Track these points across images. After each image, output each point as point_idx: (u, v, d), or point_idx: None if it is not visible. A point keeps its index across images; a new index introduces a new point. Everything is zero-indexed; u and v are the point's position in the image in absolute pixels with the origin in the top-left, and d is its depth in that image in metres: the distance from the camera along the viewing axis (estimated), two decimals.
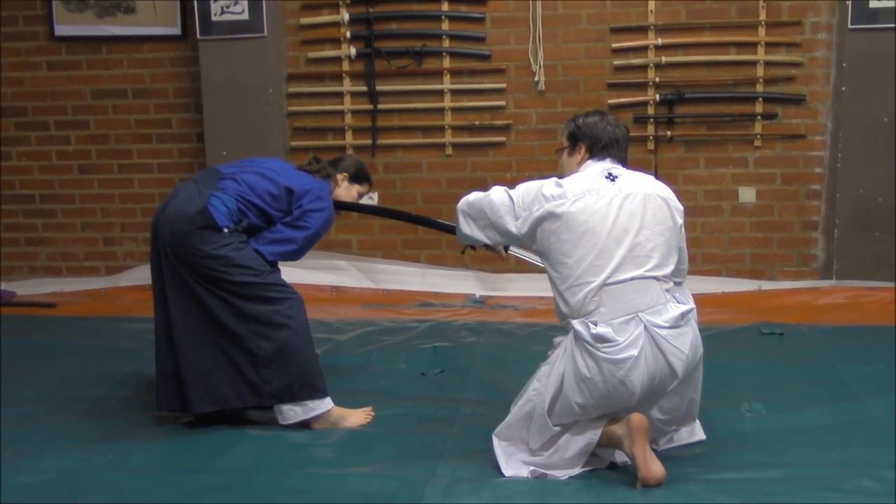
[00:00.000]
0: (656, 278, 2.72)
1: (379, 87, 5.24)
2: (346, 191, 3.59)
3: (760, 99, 4.98)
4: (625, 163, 2.90)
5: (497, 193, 2.89)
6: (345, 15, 5.21)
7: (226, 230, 3.16)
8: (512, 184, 2.95)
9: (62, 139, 5.62)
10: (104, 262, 5.73)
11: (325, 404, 3.25)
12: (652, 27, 5.01)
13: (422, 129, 5.30)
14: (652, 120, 5.08)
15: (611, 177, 2.79)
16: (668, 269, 2.76)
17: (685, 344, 2.71)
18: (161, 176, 5.60)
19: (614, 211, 2.72)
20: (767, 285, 5.10)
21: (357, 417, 3.31)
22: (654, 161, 5.08)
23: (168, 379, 3.23)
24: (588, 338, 2.67)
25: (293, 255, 3.33)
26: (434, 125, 5.29)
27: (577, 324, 2.72)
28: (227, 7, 5.12)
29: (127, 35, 5.46)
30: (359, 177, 3.63)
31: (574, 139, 2.94)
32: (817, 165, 5.03)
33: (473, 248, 3.38)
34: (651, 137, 5.10)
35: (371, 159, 5.22)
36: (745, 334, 4.31)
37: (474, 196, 2.97)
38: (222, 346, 3.19)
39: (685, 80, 5.03)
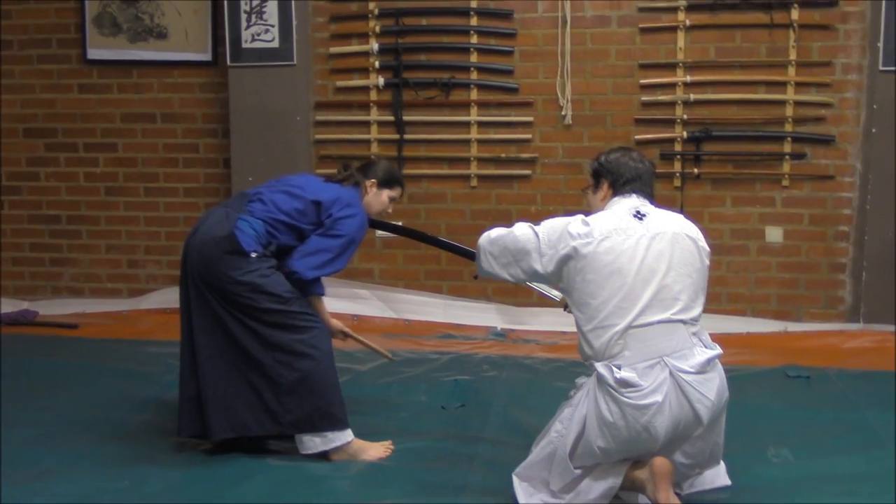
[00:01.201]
0: (683, 321, 2.67)
1: (406, 118, 5.25)
2: (375, 197, 3.48)
3: (789, 138, 4.95)
4: (652, 199, 2.86)
5: (521, 230, 2.85)
6: (374, 45, 5.23)
7: (253, 255, 3.15)
8: (536, 218, 2.92)
9: (90, 161, 5.67)
10: (127, 285, 5.74)
11: (346, 436, 3.22)
12: (681, 64, 4.99)
13: (448, 160, 5.30)
14: (679, 157, 5.06)
15: (639, 215, 2.75)
16: (696, 312, 2.71)
17: (711, 390, 2.66)
18: (186, 200, 5.63)
19: (642, 251, 2.68)
20: (793, 327, 5.03)
21: (376, 451, 3.28)
22: (681, 198, 5.05)
23: (190, 404, 3.22)
24: (612, 382, 2.63)
25: (330, 265, 3.24)
26: (460, 156, 5.29)
27: (600, 367, 2.67)
28: (258, 35, 5.16)
29: (158, 60, 5.51)
30: (389, 181, 3.52)
31: (597, 176, 2.93)
32: (846, 207, 4.97)
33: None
34: (678, 174, 5.08)
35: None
36: (771, 377, 4.25)
37: (497, 233, 2.92)
38: (245, 372, 3.18)
39: (713, 118, 5.01)
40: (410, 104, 5.25)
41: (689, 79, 4.99)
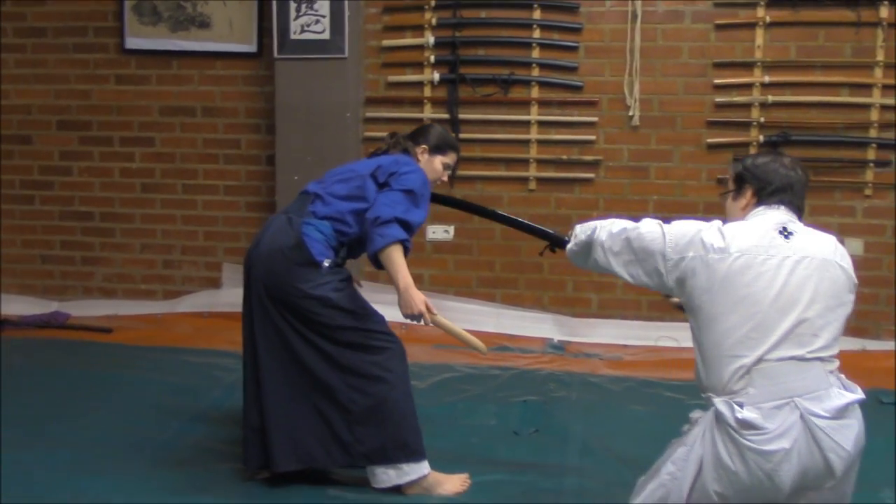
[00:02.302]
0: (821, 359, 2.33)
1: (462, 115, 4.95)
2: (427, 164, 3.14)
3: (874, 145, 4.63)
4: (801, 214, 2.50)
5: (648, 227, 2.52)
6: (430, 38, 4.94)
7: (326, 264, 2.88)
8: None
9: (126, 156, 5.39)
10: (162, 286, 5.47)
11: (422, 468, 2.94)
12: (759, 63, 4.68)
13: (505, 161, 5.01)
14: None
15: (785, 232, 2.39)
16: (835, 351, 2.37)
17: (848, 439, 2.31)
18: (227, 198, 5.35)
19: (783, 276, 2.33)
20: (872, 345, 4.73)
21: (453, 485, 3.01)
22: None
23: (255, 434, 2.94)
24: (732, 422, 2.30)
25: (408, 213, 2.87)
26: (518, 157, 4.99)
27: (719, 403, 2.35)
28: (308, 26, 4.87)
29: (200, 50, 5.22)
30: (441, 147, 3.19)
31: (740, 181, 2.56)
32: None
33: (553, 251, 3.07)
34: None
35: (449, 190, 4.92)
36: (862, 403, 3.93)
37: (619, 226, 2.59)
38: (313, 398, 2.91)
39: (792, 121, 4.70)
40: (466, 101, 4.96)
41: (767, 79, 4.68)
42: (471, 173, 4.98)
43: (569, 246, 2.78)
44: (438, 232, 5.09)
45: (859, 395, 2.36)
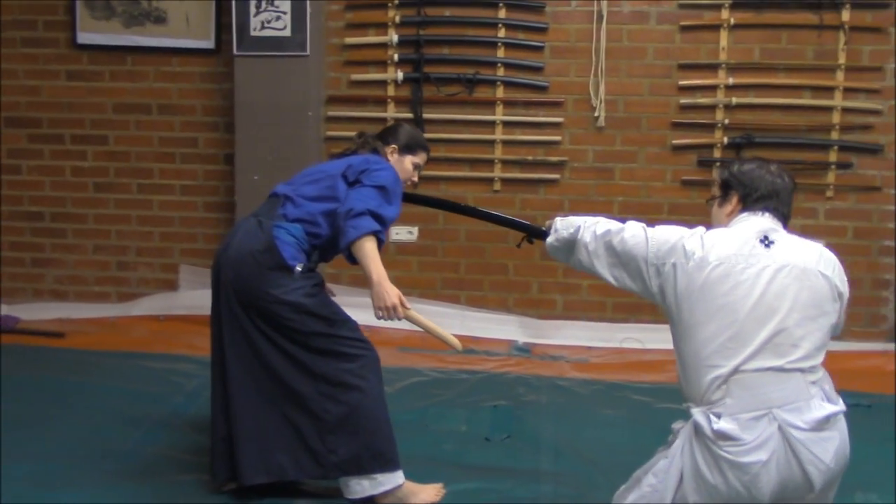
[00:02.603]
0: (801, 370, 2.29)
1: (426, 115, 4.88)
2: (397, 164, 3.07)
3: (835, 147, 4.68)
4: (786, 222, 2.47)
5: (632, 231, 2.50)
6: (393, 36, 4.86)
7: (298, 268, 2.79)
8: None
9: (78, 154, 5.22)
10: (116, 288, 5.31)
11: (397, 478, 2.87)
12: (723, 65, 4.69)
13: (469, 161, 4.95)
14: (718, 164, 4.76)
15: (766, 241, 2.35)
16: (817, 361, 2.34)
17: (827, 452, 2.27)
18: (183, 198, 5.21)
19: (762, 285, 2.30)
20: (833, 345, 4.73)
21: (427, 494, 2.94)
22: None
23: (224, 444, 2.84)
24: (709, 433, 2.27)
25: (381, 208, 2.78)
26: (483, 158, 4.94)
27: (697, 413, 2.31)
28: (269, 22, 4.75)
29: (155, 46, 5.06)
30: (411, 146, 3.13)
31: (726, 187, 2.52)
32: (891, 220, 4.73)
33: (531, 241, 3.05)
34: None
35: (412, 190, 4.85)
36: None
37: (603, 228, 2.56)
38: (283, 407, 2.82)
39: (756, 123, 4.72)
40: (431, 101, 4.89)
41: (731, 81, 4.69)
42: (435, 174, 4.90)
43: (549, 240, 2.74)
44: (402, 233, 5.02)
45: (841, 406, 2.34)
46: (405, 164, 3.12)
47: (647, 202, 4.85)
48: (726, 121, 4.72)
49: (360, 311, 3.16)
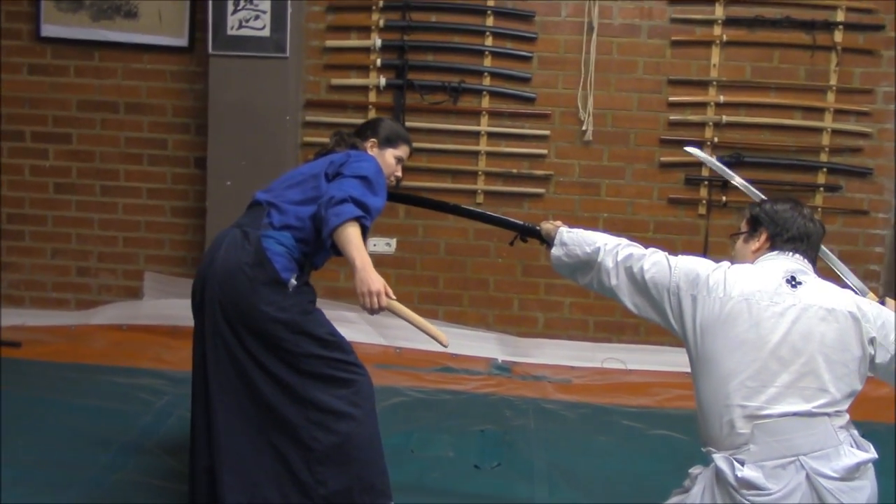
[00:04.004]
0: (828, 415, 2.18)
1: (408, 123, 4.69)
2: (378, 158, 2.89)
3: (824, 169, 4.61)
4: (814, 266, 2.38)
5: (654, 258, 2.41)
6: (376, 41, 4.68)
7: (292, 282, 2.60)
8: None
9: (38, 153, 4.94)
10: (75, 295, 5.04)
11: None
12: (714, 82, 4.61)
13: (452, 172, 4.79)
14: (706, 182, 4.67)
15: (793, 281, 2.25)
16: (845, 406, 2.22)
17: (858, 502, 2.17)
18: (150, 202, 4.97)
19: (785, 325, 2.20)
20: None
21: None
22: (705, 227, 4.67)
23: (205, 474, 2.63)
24: (732, 480, 2.16)
25: (364, 196, 2.60)
26: (466, 169, 4.78)
27: (720, 459, 2.20)
28: (247, 21, 4.54)
29: (124, 42, 4.82)
30: (392, 139, 2.98)
31: (756, 223, 2.43)
32: (878, 245, 4.68)
33: (524, 240, 2.96)
34: (703, 201, 4.69)
35: (392, 202, 4.68)
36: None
37: (623, 253, 2.46)
38: (270, 435, 2.62)
39: (745, 143, 4.64)
40: (413, 109, 4.72)
41: (721, 99, 4.60)
42: (416, 184, 4.73)
43: (555, 252, 2.65)
44: (380, 245, 4.84)
45: (872, 454, 2.23)
46: (387, 158, 2.95)
47: (633, 219, 4.74)
48: (715, 139, 4.63)
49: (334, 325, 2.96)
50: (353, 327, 4.79)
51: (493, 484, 3.19)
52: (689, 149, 3.47)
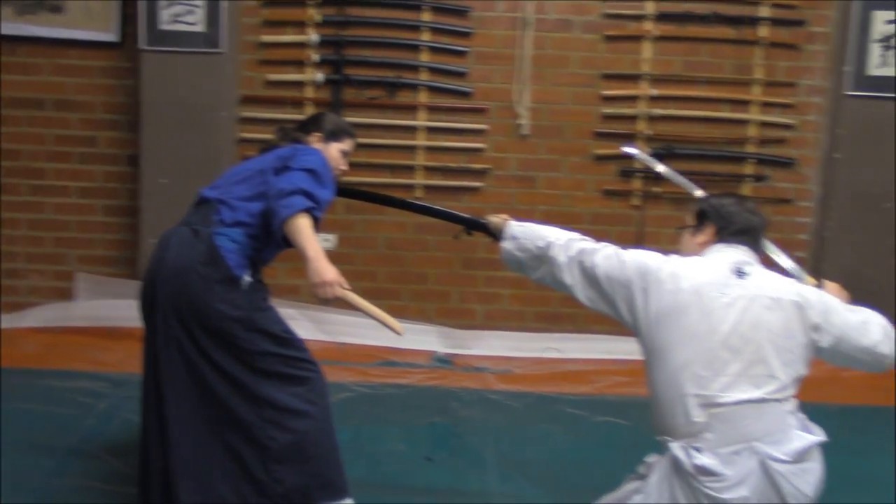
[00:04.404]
0: (778, 400, 2.27)
1: (346, 119, 4.67)
2: (323, 152, 2.86)
3: (751, 160, 4.78)
4: (759, 257, 2.47)
5: (605, 253, 2.46)
6: (313, 36, 4.66)
7: (246, 279, 2.60)
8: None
9: None
10: (4, 298, 4.88)
11: None
12: (645, 76, 4.72)
13: (390, 167, 4.80)
14: (639, 175, 4.79)
15: (740, 273, 2.34)
16: (793, 391, 2.31)
17: (809, 484, 2.26)
18: (81, 201, 4.85)
19: (735, 315, 2.28)
20: None
21: None
22: (640, 218, 4.79)
23: (159, 476, 2.60)
24: (689, 468, 2.23)
25: (314, 188, 2.57)
26: (404, 164, 4.80)
27: (677, 448, 2.27)
28: (180, 16, 4.47)
29: (50, 37, 4.69)
30: (336, 133, 2.97)
31: (702, 217, 2.51)
32: (802, 232, 4.87)
33: (469, 233, 2.99)
34: (637, 193, 4.80)
35: (338, 197, 4.67)
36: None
37: (575, 249, 2.50)
38: (224, 435, 2.61)
39: (676, 135, 4.77)
40: (351, 104, 4.72)
41: (653, 92, 4.72)
42: (355, 179, 4.69)
43: (506, 246, 2.68)
44: (318, 240, 4.81)
45: (821, 436, 2.32)
46: (331, 152, 2.94)
47: (569, 212, 4.82)
48: (648, 132, 4.74)
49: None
50: (293, 323, 4.56)
51: (445, 474, 3.23)
52: (625, 149, 3.56)
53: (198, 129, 4.60)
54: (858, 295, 4.70)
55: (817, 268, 4.81)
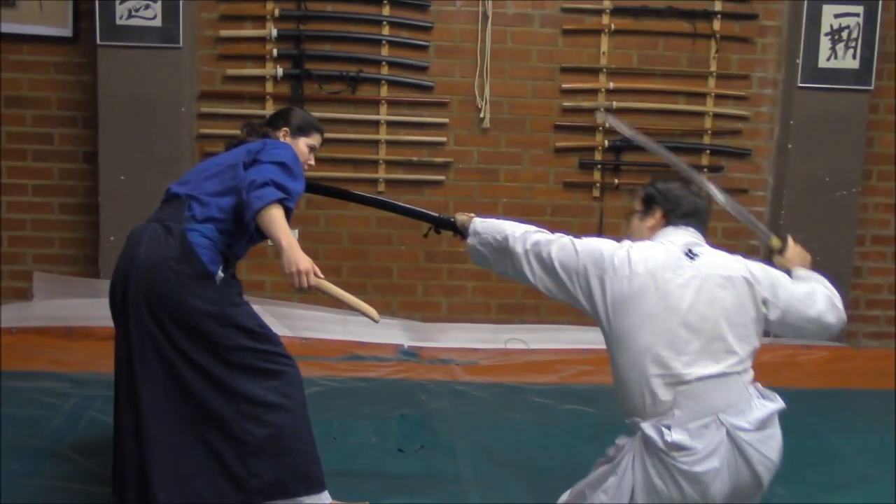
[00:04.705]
0: (738, 373, 2.35)
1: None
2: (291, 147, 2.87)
3: (707, 151, 4.88)
4: (706, 237, 2.55)
5: (561, 243, 2.51)
6: (272, 30, 4.64)
7: (220, 274, 2.60)
8: None
9: None
10: None
11: (323, 499, 2.72)
12: (604, 70, 4.79)
13: (352, 161, 4.81)
14: (599, 166, 4.86)
15: (691, 254, 2.41)
16: (750, 363, 2.40)
17: (773, 449, 2.35)
18: (36, 199, 4.77)
19: (690, 294, 2.35)
20: None
21: None
22: (600, 209, 4.86)
23: (134, 474, 2.58)
24: (661, 445, 2.29)
25: (285, 180, 2.58)
26: (366, 158, 4.81)
27: (647, 427, 2.32)
28: (137, 11, 4.42)
29: (2, 32, 4.60)
30: (304, 128, 2.96)
31: (650, 203, 2.59)
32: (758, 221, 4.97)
33: (438, 232, 3.03)
34: (597, 185, 4.87)
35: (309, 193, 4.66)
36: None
37: (531, 240, 2.55)
38: (200, 430, 2.59)
39: (634, 127, 4.82)
40: (312, 99, 4.70)
41: (611, 85, 4.79)
42: (317, 174, 4.67)
43: (471, 242, 2.72)
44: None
45: (780, 403, 2.41)
46: (300, 147, 2.94)
47: (531, 203, 4.88)
48: (606, 123, 4.81)
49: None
50: None
51: (418, 465, 3.24)
52: (600, 114, 3.62)
53: (156, 125, 4.55)
54: None
55: (772, 255, 4.93)
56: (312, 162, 3.04)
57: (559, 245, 2.51)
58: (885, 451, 3.49)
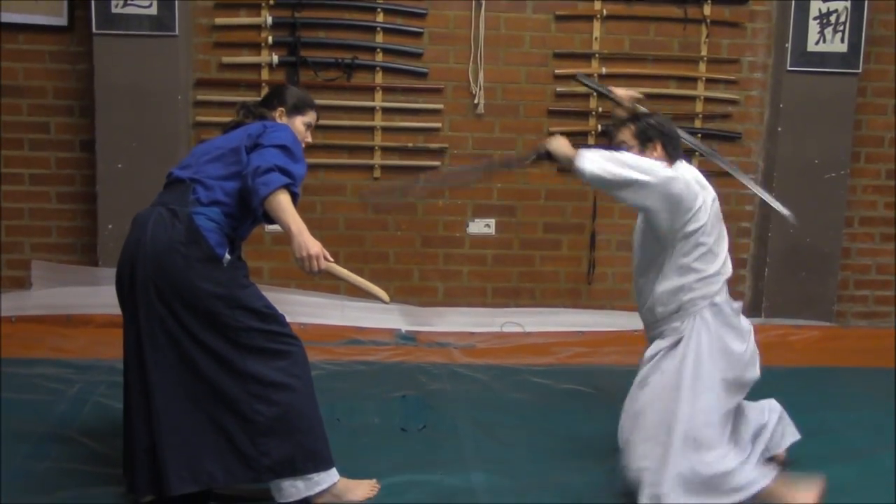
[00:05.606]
0: None
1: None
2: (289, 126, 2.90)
3: (699, 135, 4.94)
4: None
5: (668, 172, 2.77)
6: (267, 18, 4.67)
7: (227, 257, 2.64)
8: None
9: None
10: None
11: (332, 476, 2.78)
12: (596, 55, 4.84)
13: (348, 148, 4.85)
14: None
15: (700, 184, 2.84)
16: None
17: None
18: (33, 188, 4.79)
19: (716, 213, 2.86)
20: None
21: (363, 490, 2.87)
22: (593, 193, 4.92)
23: (147, 456, 2.62)
24: (733, 310, 2.86)
25: (288, 164, 2.61)
26: (362, 145, 4.85)
27: (721, 300, 2.84)
28: None
29: None
30: (299, 106, 2.96)
31: (645, 138, 2.77)
32: (748, 203, 5.06)
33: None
34: None
35: None
36: None
37: (662, 174, 2.73)
38: (210, 410, 2.64)
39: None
40: (308, 86, 4.71)
41: (603, 70, 4.84)
42: (313, 161, 4.72)
43: (591, 169, 2.75)
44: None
45: None
46: (297, 126, 2.95)
47: (525, 188, 4.94)
48: (600, 109, 4.87)
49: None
50: None
51: (422, 445, 3.30)
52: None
53: (153, 114, 4.58)
54: (804, 263, 4.97)
55: (762, 237, 5.02)
56: (310, 139, 3.06)
57: (683, 181, 2.77)
58: (877, 426, 3.57)
